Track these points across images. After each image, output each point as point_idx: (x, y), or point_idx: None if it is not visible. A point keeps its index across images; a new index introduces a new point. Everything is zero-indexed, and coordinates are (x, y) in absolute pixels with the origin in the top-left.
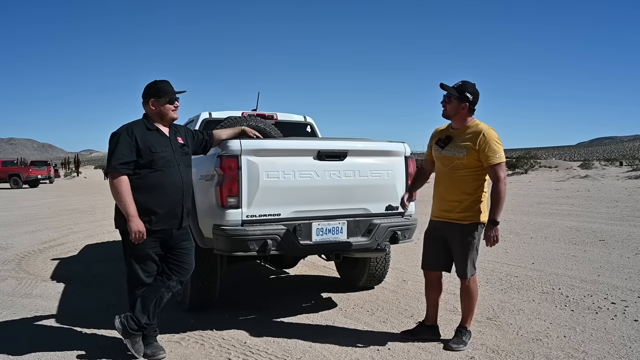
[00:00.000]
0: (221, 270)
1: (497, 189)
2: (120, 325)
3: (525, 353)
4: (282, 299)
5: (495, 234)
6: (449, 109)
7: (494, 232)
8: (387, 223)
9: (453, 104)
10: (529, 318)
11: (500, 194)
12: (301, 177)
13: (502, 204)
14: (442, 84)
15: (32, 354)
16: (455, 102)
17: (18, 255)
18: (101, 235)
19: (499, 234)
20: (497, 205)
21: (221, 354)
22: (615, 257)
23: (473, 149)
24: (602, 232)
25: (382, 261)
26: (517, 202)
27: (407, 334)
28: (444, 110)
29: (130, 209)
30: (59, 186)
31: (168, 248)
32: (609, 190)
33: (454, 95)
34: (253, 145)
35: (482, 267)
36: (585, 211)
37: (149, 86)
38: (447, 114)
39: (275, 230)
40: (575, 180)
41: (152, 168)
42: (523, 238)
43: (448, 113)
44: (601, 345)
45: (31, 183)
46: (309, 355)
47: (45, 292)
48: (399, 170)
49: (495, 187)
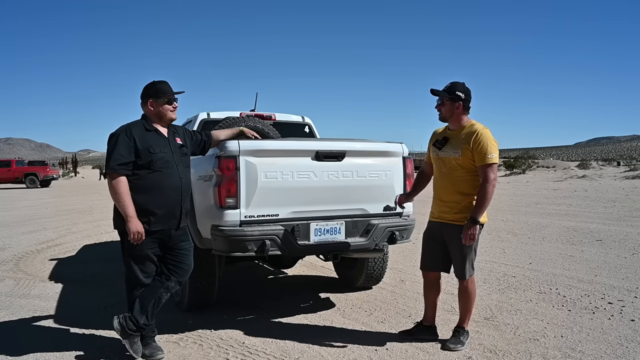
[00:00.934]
0: (219, 270)
1: (484, 189)
2: (118, 326)
3: (522, 353)
4: (280, 300)
5: (473, 232)
6: (444, 111)
7: (472, 230)
8: (385, 223)
9: (447, 105)
10: (526, 318)
11: (487, 195)
12: (299, 177)
13: (486, 204)
14: (432, 89)
15: (31, 354)
16: (448, 104)
17: (16, 256)
18: (99, 236)
19: (476, 233)
20: (480, 205)
21: (219, 354)
22: (613, 257)
23: (468, 149)
24: (599, 232)
25: (380, 261)
26: (515, 202)
27: (405, 334)
28: (440, 114)
29: (129, 210)
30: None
31: (167, 249)
32: (606, 190)
33: (445, 97)
34: (251, 146)
35: (480, 267)
36: (582, 211)
37: (147, 87)
38: (443, 116)
39: (273, 230)
40: (572, 180)
41: (150, 169)
42: (520, 238)
43: (444, 116)
44: (598, 345)
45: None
46: (307, 355)
47: (43, 293)
48: (396, 170)
49: (483, 186)
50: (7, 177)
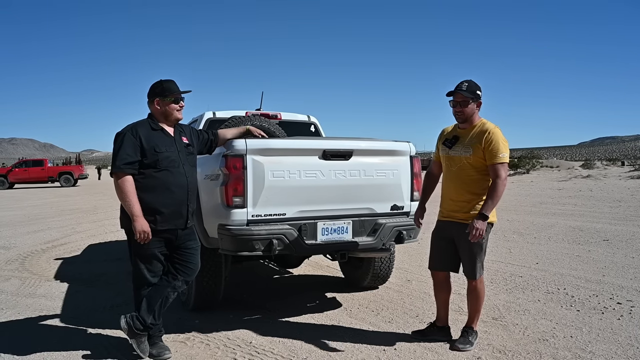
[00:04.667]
0: (226, 270)
1: (495, 185)
2: (125, 325)
3: (532, 353)
4: (287, 299)
5: (481, 228)
6: (468, 112)
7: (480, 225)
8: (392, 223)
9: (470, 106)
10: (534, 318)
11: (497, 191)
12: (306, 176)
13: (496, 201)
14: (455, 91)
15: (37, 353)
16: (472, 105)
17: (21, 255)
18: (104, 235)
19: (484, 229)
20: (491, 201)
21: (227, 354)
22: (620, 257)
23: (479, 148)
24: (605, 232)
25: (387, 261)
26: (520, 202)
27: (418, 335)
28: (461, 114)
29: (135, 209)
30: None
31: (174, 248)
32: (611, 190)
33: (470, 98)
34: (258, 145)
35: (487, 267)
36: (588, 211)
37: (154, 85)
38: (465, 117)
39: (280, 230)
40: (577, 180)
41: (156, 168)
42: (527, 238)
43: (466, 117)
44: (608, 345)
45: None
46: (314, 355)
47: (49, 292)
48: (404, 169)
49: (494, 183)
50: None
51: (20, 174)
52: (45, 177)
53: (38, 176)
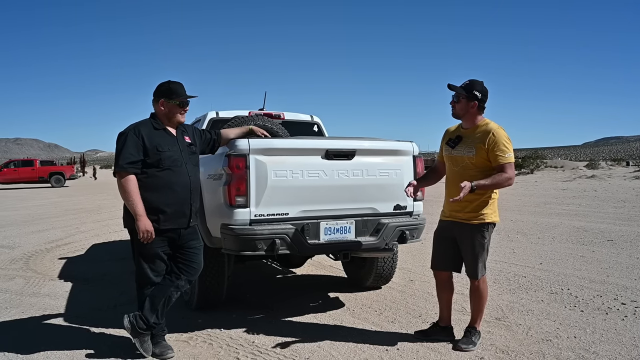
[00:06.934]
0: (229, 269)
1: (500, 175)
2: (129, 325)
3: (535, 354)
4: (289, 299)
5: (464, 191)
6: (458, 108)
7: (465, 189)
8: (395, 222)
9: (462, 103)
10: (538, 318)
11: (498, 179)
12: (309, 176)
13: (493, 183)
14: (449, 84)
15: (41, 352)
16: (464, 102)
17: (25, 255)
18: (108, 235)
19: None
20: (490, 180)
21: (230, 353)
22: (624, 257)
23: (482, 149)
24: (610, 232)
25: (390, 261)
26: (524, 202)
27: (421, 335)
28: (453, 110)
29: (138, 209)
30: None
31: (177, 247)
32: (616, 190)
33: (462, 95)
34: (261, 145)
35: (490, 267)
36: (592, 211)
37: (161, 85)
38: (456, 113)
39: (283, 229)
40: (581, 180)
41: (159, 167)
42: (530, 238)
43: (457, 113)
44: (612, 346)
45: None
46: (317, 355)
47: (53, 291)
48: (407, 169)
49: (500, 174)
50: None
51: (9, 174)
52: (35, 177)
53: (28, 176)
